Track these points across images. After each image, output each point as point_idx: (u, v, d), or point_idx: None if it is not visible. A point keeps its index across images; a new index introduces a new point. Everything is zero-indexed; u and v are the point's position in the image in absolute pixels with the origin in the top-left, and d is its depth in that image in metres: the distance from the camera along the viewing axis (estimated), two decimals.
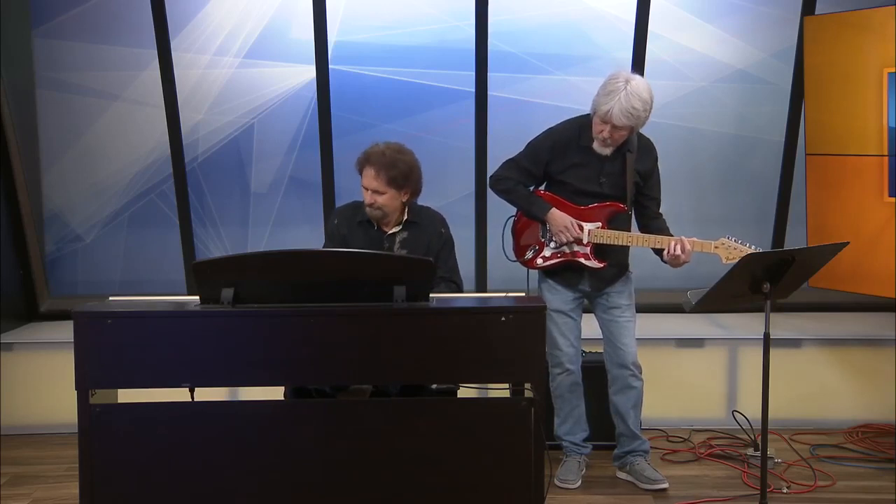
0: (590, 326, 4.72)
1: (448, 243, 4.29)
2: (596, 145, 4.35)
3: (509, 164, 4.53)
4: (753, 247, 4.20)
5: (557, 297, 4.53)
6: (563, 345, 4.55)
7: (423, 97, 5.96)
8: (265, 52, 5.91)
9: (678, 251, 4.22)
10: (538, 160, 4.47)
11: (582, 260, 4.43)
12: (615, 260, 4.45)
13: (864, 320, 5.77)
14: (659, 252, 4.34)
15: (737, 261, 4.05)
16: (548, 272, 4.55)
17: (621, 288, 4.51)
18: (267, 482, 3.27)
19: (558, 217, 4.41)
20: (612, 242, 4.37)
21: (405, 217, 4.26)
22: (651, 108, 4.26)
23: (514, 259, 4.61)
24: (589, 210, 4.42)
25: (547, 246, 4.51)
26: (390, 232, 4.24)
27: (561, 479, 4.59)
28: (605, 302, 4.53)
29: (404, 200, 4.24)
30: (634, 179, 4.39)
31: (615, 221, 4.41)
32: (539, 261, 4.53)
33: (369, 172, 4.18)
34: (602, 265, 4.41)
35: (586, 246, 4.41)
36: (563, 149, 4.43)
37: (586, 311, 4.65)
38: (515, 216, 4.63)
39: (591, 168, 4.39)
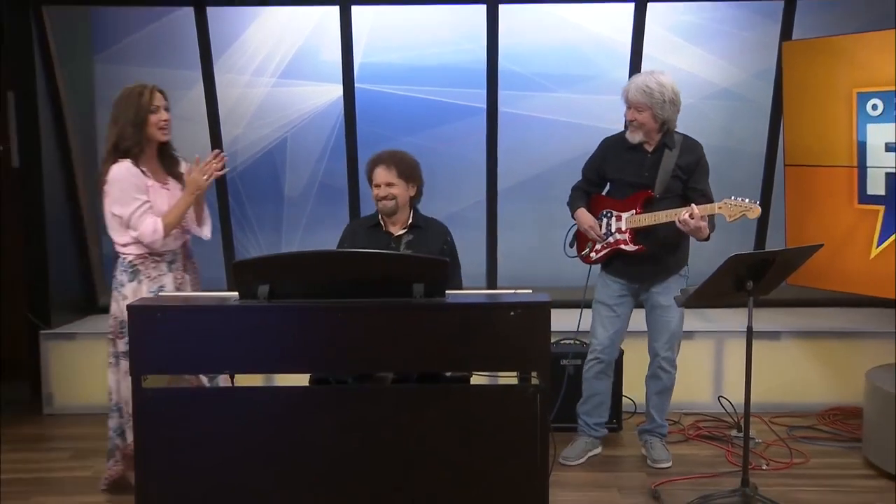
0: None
1: (454, 256, 4.28)
2: (628, 134, 4.41)
3: (578, 181, 4.69)
4: (751, 201, 4.19)
5: (605, 291, 4.58)
6: (599, 334, 4.58)
7: (439, 113, 5.96)
8: (298, 72, 5.92)
9: (686, 217, 4.20)
10: (592, 166, 4.62)
11: (622, 246, 4.46)
12: (656, 248, 4.43)
13: (836, 315, 5.76)
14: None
15: (737, 219, 4.17)
16: (605, 267, 4.60)
17: (666, 290, 4.47)
18: (297, 459, 3.27)
19: (581, 217, 4.55)
20: (645, 224, 4.38)
21: (410, 221, 4.25)
22: (671, 98, 4.32)
23: (575, 255, 4.68)
24: (626, 201, 4.45)
25: (599, 242, 4.53)
26: (397, 234, 4.23)
27: (563, 456, 4.60)
28: (650, 299, 4.54)
29: (412, 195, 4.24)
30: (676, 173, 4.38)
31: (652, 206, 4.40)
32: (593, 255, 4.58)
33: (380, 170, 4.21)
34: (637, 248, 4.42)
35: (625, 233, 4.44)
36: (613, 150, 4.53)
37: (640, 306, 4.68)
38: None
39: (636, 163, 4.43)
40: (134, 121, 3.97)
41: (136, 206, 3.96)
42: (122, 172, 3.96)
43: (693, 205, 4.23)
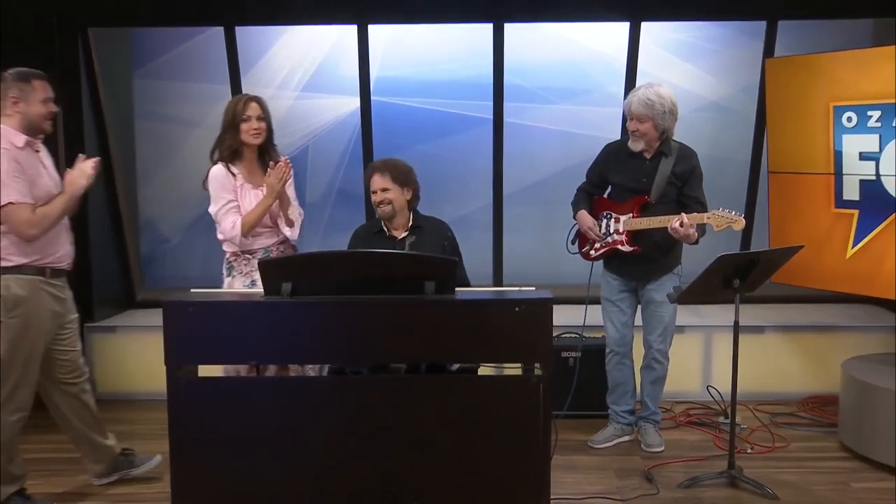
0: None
1: (456, 251, 4.23)
2: (630, 143, 4.38)
3: (583, 182, 4.65)
4: (737, 214, 4.18)
5: (607, 288, 4.57)
6: (609, 330, 4.59)
7: (449, 123, 5.93)
8: (318, 86, 5.91)
9: (676, 225, 4.19)
10: (595, 170, 4.59)
11: (619, 246, 4.44)
12: (650, 250, 4.40)
13: (815, 310, 5.74)
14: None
15: (723, 229, 4.18)
16: (606, 265, 4.57)
17: (660, 287, 4.44)
18: (318, 443, 3.26)
19: (582, 218, 4.53)
20: (640, 227, 4.36)
21: (411, 222, 4.22)
22: (670, 109, 4.29)
23: (576, 252, 4.64)
24: (625, 204, 4.43)
25: (598, 241, 4.50)
26: (400, 237, 4.20)
27: (592, 439, 4.63)
28: (645, 295, 4.52)
29: (408, 199, 4.20)
30: (671, 180, 4.36)
31: (648, 211, 4.38)
32: (592, 252, 4.55)
33: (376, 177, 4.19)
34: (633, 249, 4.40)
35: (622, 234, 4.42)
36: (614, 156, 4.50)
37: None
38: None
39: (635, 169, 4.41)
40: (228, 127, 4.08)
41: (221, 204, 4.03)
42: (213, 173, 4.07)
43: (683, 214, 4.20)
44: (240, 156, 4.11)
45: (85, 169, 3.81)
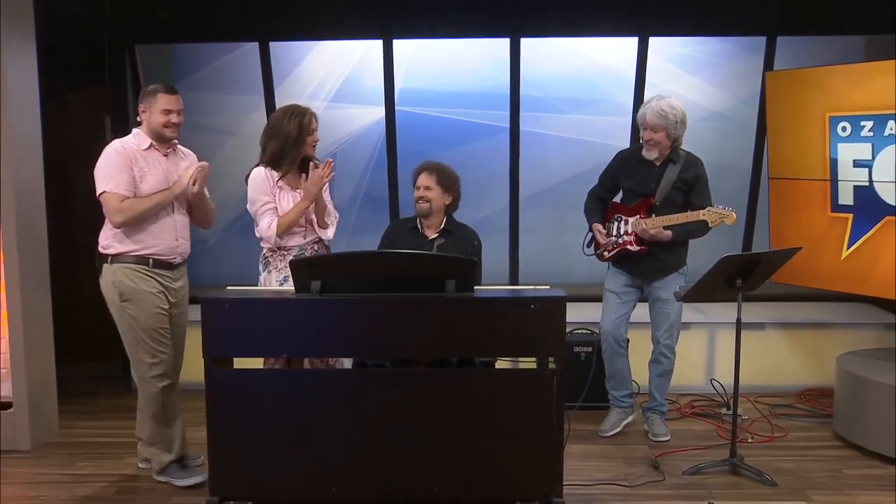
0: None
1: (478, 257, 4.18)
2: (644, 151, 4.36)
3: (594, 186, 4.62)
4: (730, 209, 4.19)
5: (613, 281, 4.54)
6: (605, 319, 4.56)
7: (468, 131, 5.91)
8: (346, 96, 5.90)
9: (644, 226, 4.25)
10: (607, 174, 4.56)
11: (627, 247, 4.42)
12: (655, 249, 4.37)
13: (812, 308, 5.67)
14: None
15: (717, 224, 4.20)
16: (615, 262, 4.54)
17: (665, 285, 4.41)
18: (345, 430, 3.26)
19: (594, 229, 4.53)
20: (648, 228, 4.34)
21: (443, 226, 4.19)
22: (682, 119, 4.28)
23: (592, 254, 4.61)
24: (633, 207, 4.42)
25: (610, 244, 4.50)
26: (430, 237, 4.18)
27: (601, 429, 4.60)
28: (652, 293, 4.49)
29: (447, 203, 4.17)
30: (677, 185, 4.35)
31: (653, 212, 4.36)
32: (605, 254, 4.53)
33: (423, 175, 4.17)
34: (640, 248, 4.38)
35: (630, 235, 4.40)
36: (626, 163, 4.48)
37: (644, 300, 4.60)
38: None
39: (645, 175, 4.39)
40: (294, 141, 3.95)
41: (259, 204, 3.98)
42: (254, 175, 4.01)
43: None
44: (291, 165, 4.02)
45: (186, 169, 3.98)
